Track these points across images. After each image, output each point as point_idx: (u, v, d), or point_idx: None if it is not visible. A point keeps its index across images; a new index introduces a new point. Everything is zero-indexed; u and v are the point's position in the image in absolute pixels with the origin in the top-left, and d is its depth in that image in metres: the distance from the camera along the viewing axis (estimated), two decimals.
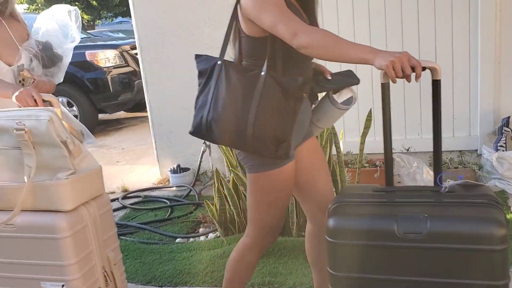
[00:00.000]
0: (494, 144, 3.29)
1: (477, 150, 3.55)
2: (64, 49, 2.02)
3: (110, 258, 1.71)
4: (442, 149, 3.73)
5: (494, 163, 3.18)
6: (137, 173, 4.61)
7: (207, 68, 1.58)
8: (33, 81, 2.03)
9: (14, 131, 1.47)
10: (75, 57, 6.08)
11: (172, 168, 4.07)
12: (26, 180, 1.48)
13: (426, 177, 3.24)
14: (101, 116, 6.79)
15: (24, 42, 2.04)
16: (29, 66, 1.97)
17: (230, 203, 2.86)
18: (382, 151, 1.60)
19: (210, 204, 2.98)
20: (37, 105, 1.66)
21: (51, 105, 1.72)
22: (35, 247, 1.51)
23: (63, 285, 1.51)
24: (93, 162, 1.62)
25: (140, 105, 7.24)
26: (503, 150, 3.22)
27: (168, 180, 4.20)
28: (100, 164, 1.86)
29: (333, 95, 1.58)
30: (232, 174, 2.76)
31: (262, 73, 1.47)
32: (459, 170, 3.32)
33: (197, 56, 1.66)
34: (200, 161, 3.92)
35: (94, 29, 13.05)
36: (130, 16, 15.82)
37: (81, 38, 7.56)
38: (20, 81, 2.00)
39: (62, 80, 2.12)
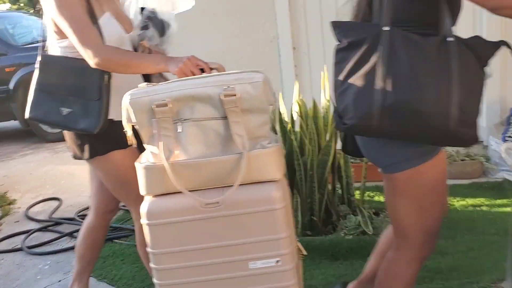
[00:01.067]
0: (502, 135, 3.19)
1: (483, 141, 3.46)
2: (169, 16, 1.83)
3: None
4: None
5: (502, 154, 3.08)
6: None
7: (364, 38, 1.24)
8: (149, 52, 1.83)
9: (223, 97, 1.30)
10: None
11: None
12: (242, 150, 1.31)
13: None
14: None
15: (140, 10, 1.84)
16: (145, 34, 1.78)
17: None
18: None
19: None
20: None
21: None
22: (245, 223, 1.35)
23: (277, 261, 1.36)
24: None
25: None
26: (511, 141, 3.14)
27: None
28: None
29: None
30: None
31: (450, 39, 1.19)
32: (467, 163, 3.23)
33: (338, 24, 1.33)
34: None
35: None
36: None
37: None
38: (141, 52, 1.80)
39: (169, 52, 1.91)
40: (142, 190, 1.40)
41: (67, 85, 1.70)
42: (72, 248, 3.07)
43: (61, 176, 4.67)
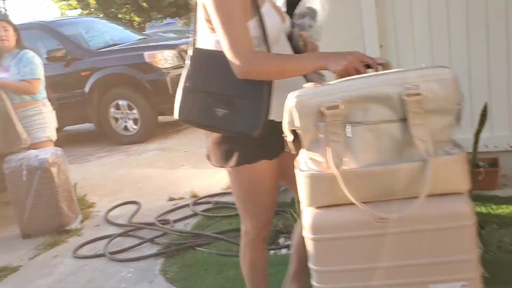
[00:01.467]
0: None
1: None
2: (320, 1, 1.61)
3: None
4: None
5: None
6: (204, 177, 4.37)
7: None
8: (304, 43, 1.62)
9: (405, 97, 1.15)
10: (134, 59, 6.03)
11: None
12: (426, 157, 1.15)
13: None
14: (159, 118, 6.65)
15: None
16: (304, 24, 1.60)
17: None
18: (484, 150, 1.32)
19: (293, 213, 2.72)
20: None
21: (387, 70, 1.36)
22: (428, 241, 1.20)
23: (463, 285, 1.20)
24: None
25: None
26: None
27: None
28: (165, 168, 1.54)
29: None
30: None
31: None
32: None
33: None
34: None
35: (145, 31, 13.11)
36: (179, 17, 15.54)
37: (138, 40, 7.44)
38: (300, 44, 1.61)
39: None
40: (305, 201, 1.26)
41: (223, 83, 1.50)
42: (154, 255, 3.01)
43: (137, 179, 4.67)
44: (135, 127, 6.06)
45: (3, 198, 4.49)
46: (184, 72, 1.61)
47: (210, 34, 1.54)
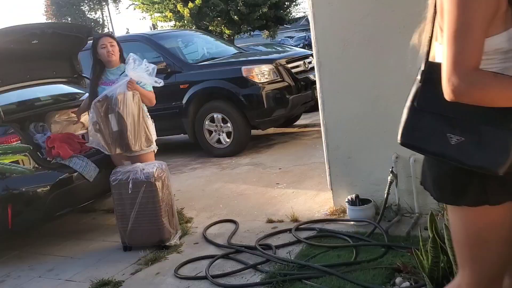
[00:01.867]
0: None
1: None
2: None
3: None
4: None
5: None
6: (303, 199, 4.11)
7: None
8: None
9: None
10: (231, 73, 5.91)
11: (349, 199, 3.52)
12: None
13: None
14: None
15: None
16: None
17: (450, 255, 2.24)
18: None
19: (418, 253, 2.41)
20: None
21: None
22: None
23: None
24: None
25: (288, 120, 6.88)
26: None
27: (343, 212, 3.64)
28: (260, 185, 1.28)
29: None
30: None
31: None
32: None
33: None
34: (388, 193, 3.32)
35: (233, 43, 13.19)
36: (267, 29, 15.41)
37: (234, 54, 7.36)
38: None
39: None
40: None
41: (461, 105, 1.20)
42: (260, 284, 2.79)
43: (232, 195, 4.50)
44: (228, 140, 5.95)
45: (103, 206, 4.55)
46: (413, 89, 1.35)
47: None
